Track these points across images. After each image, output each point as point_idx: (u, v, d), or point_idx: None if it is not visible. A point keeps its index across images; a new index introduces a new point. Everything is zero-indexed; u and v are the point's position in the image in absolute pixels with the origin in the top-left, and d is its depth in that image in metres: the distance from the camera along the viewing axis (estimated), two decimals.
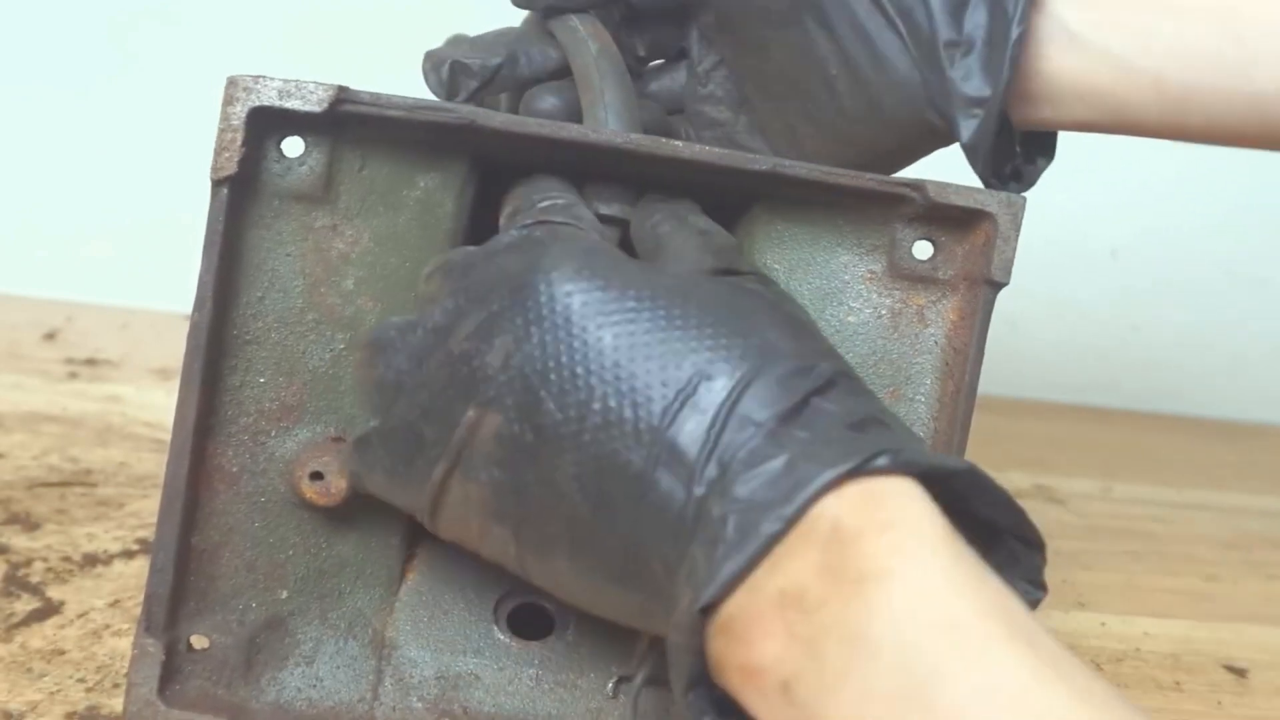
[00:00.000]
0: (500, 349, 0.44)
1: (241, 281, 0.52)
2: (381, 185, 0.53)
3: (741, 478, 0.39)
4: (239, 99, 0.49)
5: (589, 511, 0.42)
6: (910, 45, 0.52)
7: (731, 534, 0.38)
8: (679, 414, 0.41)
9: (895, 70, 0.53)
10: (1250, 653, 0.79)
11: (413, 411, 0.46)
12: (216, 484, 0.53)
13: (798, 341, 0.44)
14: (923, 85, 0.52)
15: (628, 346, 0.42)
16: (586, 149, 0.51)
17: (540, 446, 0.43)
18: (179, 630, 0.52)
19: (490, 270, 0.46)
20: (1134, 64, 0.51)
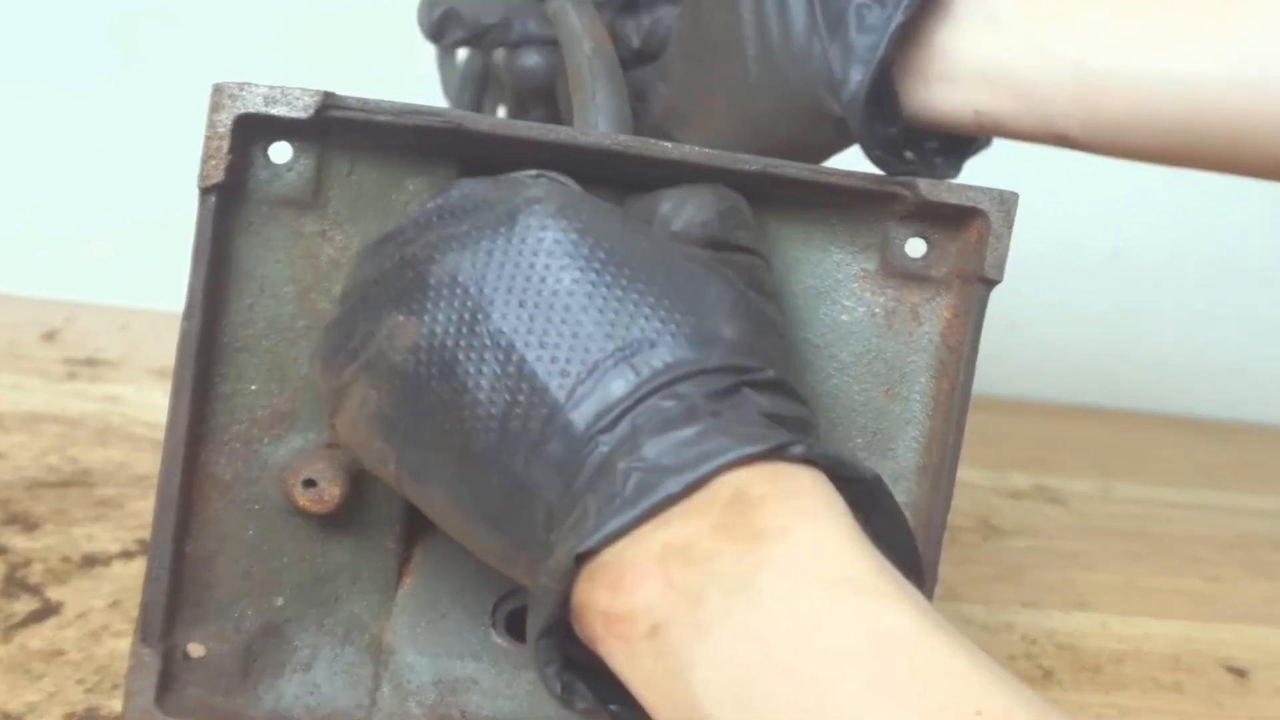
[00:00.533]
0: (452, 263, 0.43)
1: (231, 289, 0.51)
2: (370, 190, 0.52)
3: (652, 440, 0.39)
4: (225, 106, 0.48)
5: (486, 444, 0.41)
6: (819, 12, 0.51)
7: (630, 490, 0.38)
8: (612, 369, 0.40)
9: (799, 39, 0.52)
10: (1251, 653, 0.79)
11: (349, 310, 0.46)
12: (210, 492, 0.52)
13: (755, 339, 0.44)
14: (821, 59, 0.52)
15: (584, 294, 0.42)
16: (575, 151, 0.51)
17: (454, 367, 0.42)
18: (175, 639, 0.52)
19: (474, 192, 0.46)
20: (1053, 47, 0.50)
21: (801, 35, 0.52)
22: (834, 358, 0.55)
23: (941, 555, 0.54)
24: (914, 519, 0.55)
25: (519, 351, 0.41)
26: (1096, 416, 1.17)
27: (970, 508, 0.93)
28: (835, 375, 0.55)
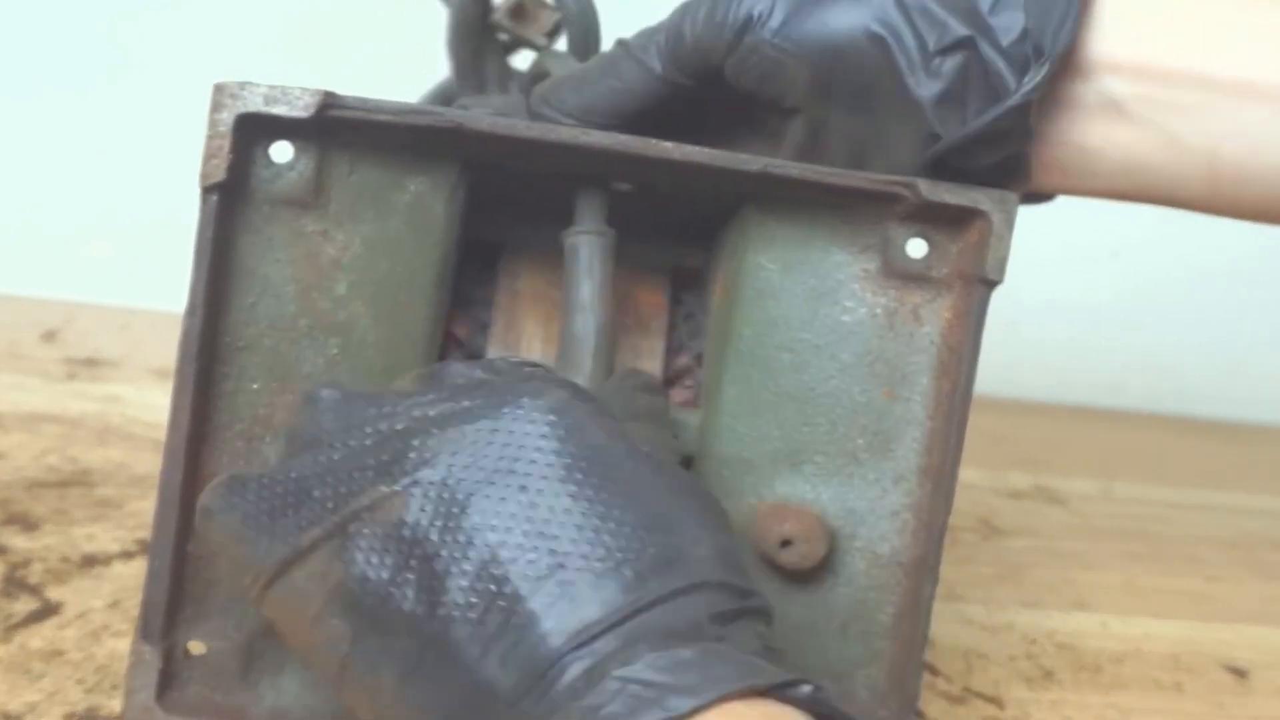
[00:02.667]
0: (450, 440, 0.41)
1: (233, 288, 0.51)
2: (371, 190, 0.52)
3: (652, 654, 0.37)
4: (225, 105, 0.49)
5: (459, 637, 0.39)
6: (934, 123, 0.50)
7: (621, 706, 0.36)
8: (593, 582, 0.38)
9: (902, 153, 0.52)
10: (1251, 653, 0.79)
11: (312, 469, 0.43)
12: None
13: (730, 549, 0.43)
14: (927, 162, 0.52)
15: (568, 501, 0.40)
16: (575, 152, 0.51)
17: (439, 552, 0.40)
18: (176, 636, 0.52)
19: (468, 376, 0.45)
20: (1186, 141, 0.50)
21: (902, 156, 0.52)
22: (835, 358, 0.55)
23: (942, 555, 0.54)
24: (915, 520, 0.55)
25: (499, 553, 0.39)
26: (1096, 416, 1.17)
27: (970, 508, 0.93)
28: (836, 376, 0.55)
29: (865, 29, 0.50)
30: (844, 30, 0.50)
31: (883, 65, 0.50)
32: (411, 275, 0.53)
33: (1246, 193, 0.50)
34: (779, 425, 0.55)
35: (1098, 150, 0.51)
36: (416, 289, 0.53)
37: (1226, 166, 0.50)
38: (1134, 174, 0.51)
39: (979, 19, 0.49)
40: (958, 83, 0.49)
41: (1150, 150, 0.50)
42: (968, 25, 0.49)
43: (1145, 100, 0.50)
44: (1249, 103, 0.49)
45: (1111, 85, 0.50)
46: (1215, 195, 0.51)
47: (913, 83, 0.49)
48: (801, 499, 0.55)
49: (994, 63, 0.49)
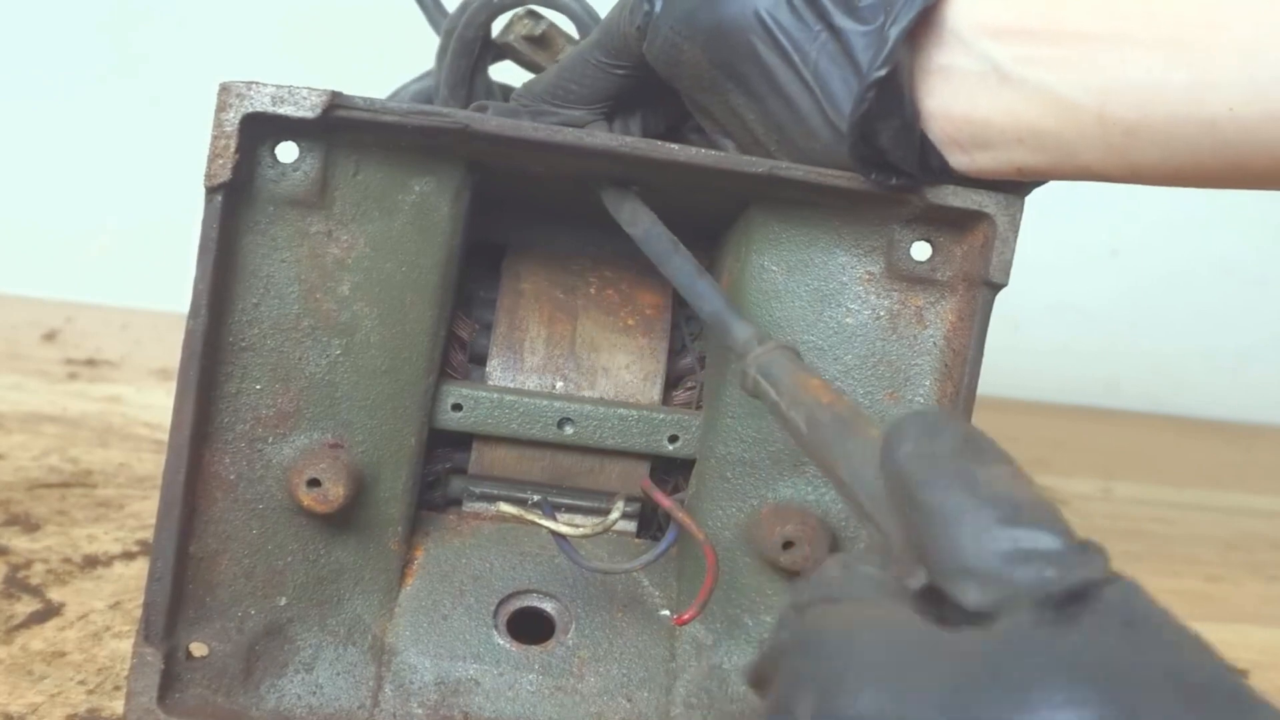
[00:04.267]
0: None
1: (237, 288, 0.51)
2: (376, 190, 0.52)
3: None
4: (232, 105, 0.48)
5: None
6: (827, 108, 0.50)
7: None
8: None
9: (817, 135, 0.51)
10: (1251, 654, 0.78)
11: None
12: (214, 491, 0.52)
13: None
14: (843, 145, 0.51)
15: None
16: (582, 153, 0.51)
17: None
18: (178, 638, 0.52)
19: (790, 669, 0.35)
20: (1073, 99, 0.48)
21: (817, 129, 0.52)
22: (838, 360, 0.55)
23: None
24: None
25: None
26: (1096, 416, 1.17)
27: None
28: (839, 378, 0.55)
29: (754, 12, 0.51)
30: (731, 15, 0.51)
31: (771, 47, 0.51)
32: (416, 276, 0.53)
33: (1144, 153, 0.48)
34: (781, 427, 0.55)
35: (985, 120, 0.50)
36: (421, 290, 0.53)
37: (1117, 123, 0.48)
38: (1027, 140, 0.50)
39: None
40: (830, 65, 0.50)
41: (1038, 113, 0.49)
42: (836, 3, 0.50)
43: (1025, 60, 0.49)
44: (1130, 53, 0.47)
45: (989, 49, 0.49)
46: (1113, 156, 0.49)
47: (799, 63, 0.51)
48: (804, 501, 0.55)
49: (853, 39, 0.49)
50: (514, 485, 0.58)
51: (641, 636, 0.56)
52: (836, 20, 0.50)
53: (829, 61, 0.50)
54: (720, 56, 0.52)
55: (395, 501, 0.55)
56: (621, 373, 0.59)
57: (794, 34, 0.50)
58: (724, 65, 0.52)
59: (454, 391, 0.56)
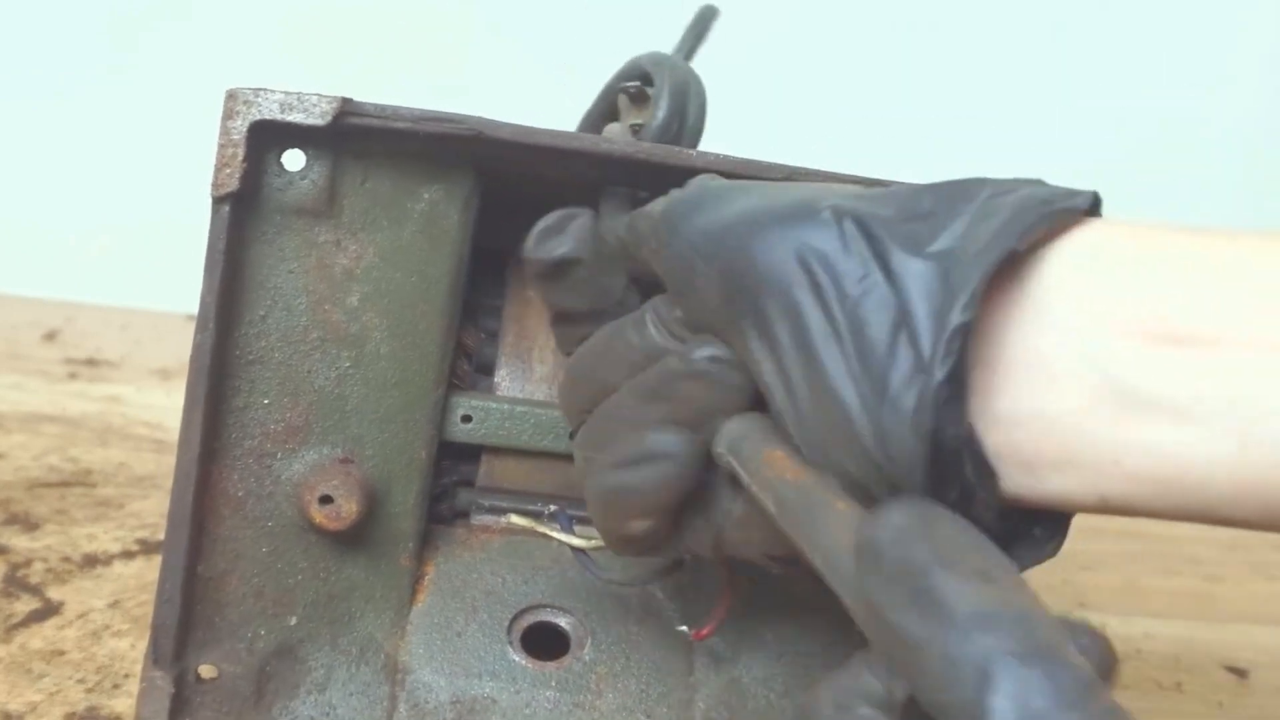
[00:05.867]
0: None
1: (244, 300, 0.50)
2: (385, 198, 0.51)
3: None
4: (239, 113, 0.47)
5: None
6: (856, 362, 0.38)
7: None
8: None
9: (838, 398, 0.38)
10: (1251, 654, 0.79)
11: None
12: (222, 509, 0.51)
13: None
14: (868, 417, 0.38)
15: None
16: (597, 160, 0.50)
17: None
18: (187, 661, 0.51)
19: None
20: (1212, 419, 0.35)
21: (840, 390, 0.39)
22: None
23: None
24: None
25: None
26: None
27: None
28: None
29: (798, 250, 0.40)
30: (769, 249, 0.40)
31: (809, 289, 0.39)
32: (426, 286, 0.52)
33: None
34: None
35: (1074, 433, 0.37)
36: (431, 299, 0.52)
37: (1269, 455, 0.35)
38: (1129, 465, 0.37)
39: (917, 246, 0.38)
40: (875, 312, 0.38)
41: (1160, 433, 0.36)
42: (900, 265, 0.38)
43: (1147, 366, 0.36)
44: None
45: (1095, 344, 0.37)
46: (1245, 493, 0.36)
47: (837, 310, 0.39)
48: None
49: (911, 283, 0.38)
50: (524, 497, 0.58)
51: (658, 650, 0.55)
52: (894, 261, 0.38)
53: (875, 307, 0.38)
54: (742, 293, 0.41)
55: (406, 516, 0.54)
56: None
57: (840, 274, 0.39)
58: (743, 305, 0.41)
59: (464, 403, 0.55)
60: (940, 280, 0.37)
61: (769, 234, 0.41)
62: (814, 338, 0.39)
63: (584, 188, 0.53)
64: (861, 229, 0.39)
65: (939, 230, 0.38)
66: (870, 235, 0.39)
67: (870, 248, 0.39)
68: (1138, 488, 0.37)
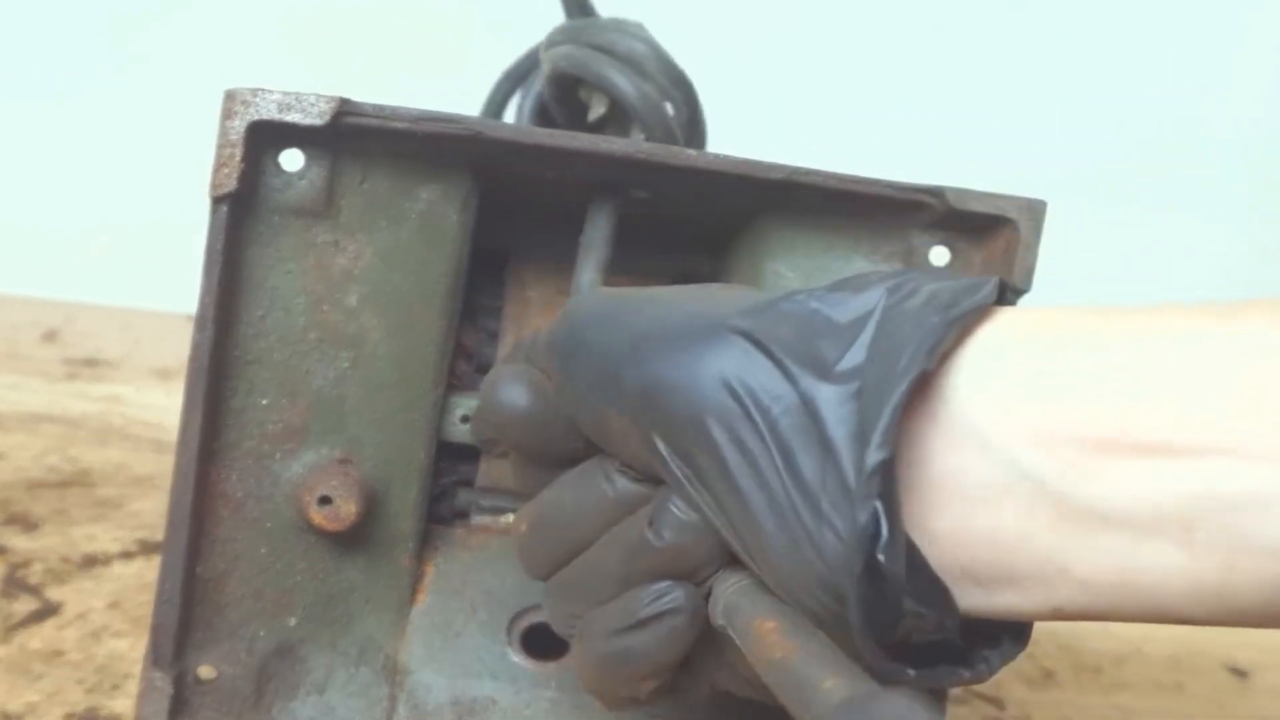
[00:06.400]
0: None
1: (242, 300, 0.50)
2: (383, 199, 0.51)
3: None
4: (237, 113, 0.47)
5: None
6: (791, 494, 0.36)
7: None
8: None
9: (772, 536, 0.37)
10: (1252, 654, 0.79)
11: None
12: (221, 510, 0.51)
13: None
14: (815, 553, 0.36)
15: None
16: (597, 160, 0.50)
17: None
18: (186, 661, 0.51)
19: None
20: (1155, 526, 0.34)
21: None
22: None
23: None
24: None
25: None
26: None
27: None
28: None
29: (719, 379, 0.38)
30: (682, 385, 0.39)
31: (733, 425, 0.38)
32: (424, 286, 0.52)
33: (1250, 593, 0.35)
34: None
35: (1016, 547, 0.36)
36: (429, 299, 0.52)
37: (1216, 557, 0.34)
38: (1088, 579, 0.36)
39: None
40: (799, 438, 0.37)
41: (1121, 549, 0.35)
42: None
43: (1079, 476, 0.35)
44: (1241, 466, 0.33)
45: (1025, 458, 0.35)
46: (1206, 597, 0.35)
47: (768, 440, 0.37)
48: None
49: (825, 409, 0.36)
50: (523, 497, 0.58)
51: None
52: (803, 386, 0.37)
53: (797, 434, 0.36)
54: (661, 434, 0.39)
55: (405, 517, 0.53)
56: None
57: (760, 400, 0.37)
58: (669, 447, 0.39)
59: (463, 403, 0.55)
60: (852, 405, 0.36)
61: (679, 360, 0.39)
62: (738, 476, 0.37)
63: (582, 188, 0.53)
64: (764, 352, 0.38)
65: (843, 347, 0.37)
66: (774, 359, 0.38)
67: (780, 371, 0.37)
68: (1090, 596, 0.36)
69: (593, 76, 0.56)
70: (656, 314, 0.42)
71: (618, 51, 0.57)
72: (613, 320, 0.43)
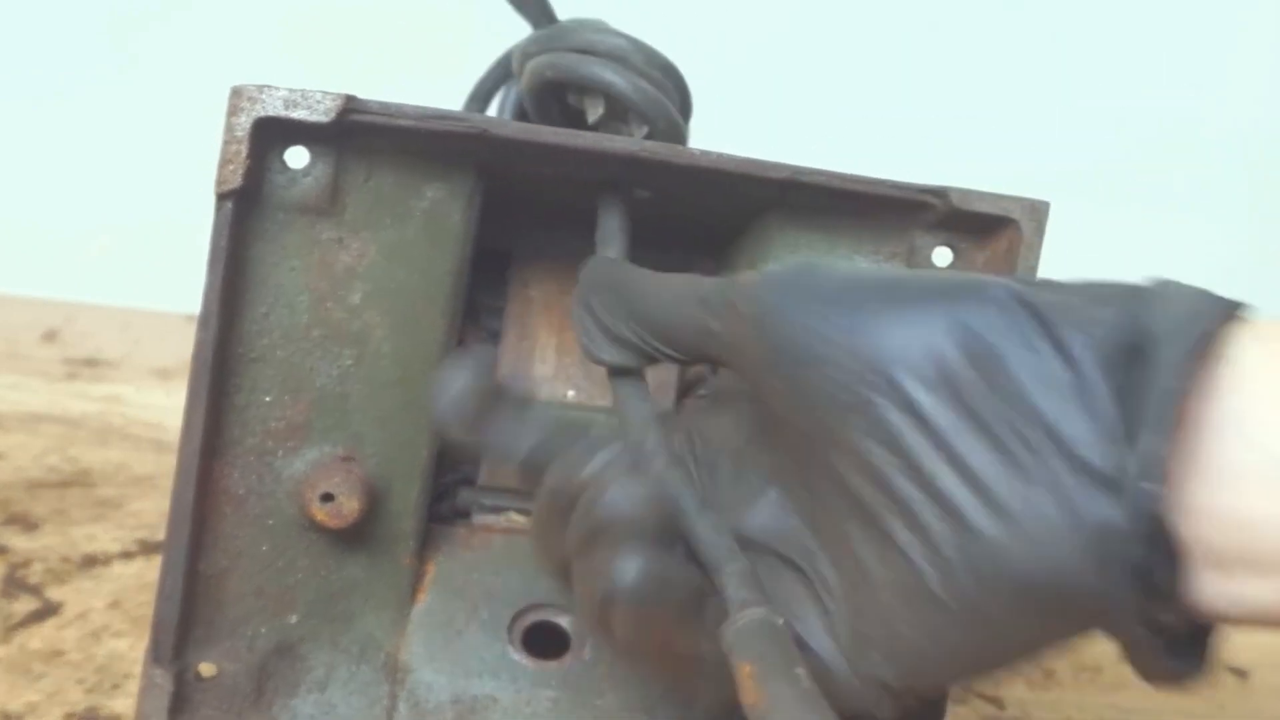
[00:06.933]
0: None
1: (246, 297, 0.50)
2: (388, 196, 0.51)
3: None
4: (244, 109, 0.47)
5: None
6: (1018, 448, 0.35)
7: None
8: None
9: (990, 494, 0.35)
10: (1251, 654, 0.79)
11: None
12: (223, 507, 0.51)
13: None
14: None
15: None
16: (602, 158, 0.50)
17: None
18: (187, 658, 0.51)
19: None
20: None
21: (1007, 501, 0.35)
22: None
23: None
24: None
25: None
26: None
27: None
28: None
29: (949, 330, 0.36)
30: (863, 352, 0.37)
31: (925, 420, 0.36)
32: (428, 284, 0.52)
33: None
34: None
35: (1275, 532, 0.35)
36: (433, 298, 0.52)
37: None
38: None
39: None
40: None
41: None
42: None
43: None
44: None
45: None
46: None
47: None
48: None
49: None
50: (525, 496, 0.57)
51: None
52: (1066, 337, 0.35)
53: (1042, 387, 0.35)
54: (859, 378, 0.37)
55: (407, 515, 0.53)
56: None
57: (1001, 355, 0.35)
58: (854, 397, 0.37)
59: None
60: (1126, 356, 0.34)
61: (914, 305, 0.37)
62: (953, 435, 0.35)
63: (585, 187, 0.53)
64: (1026, 306, 0.36)
65: (1118, 314, 0.36)
66: (1040, 316, 0.36)
67: (1039, 328, 0.36)
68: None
69: (585, 79, 0.56)
70: (872, 271, 0.41)
71: (600, 51, 0.57)
72: (844, 271, 0.40)
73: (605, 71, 0.56)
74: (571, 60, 0.56)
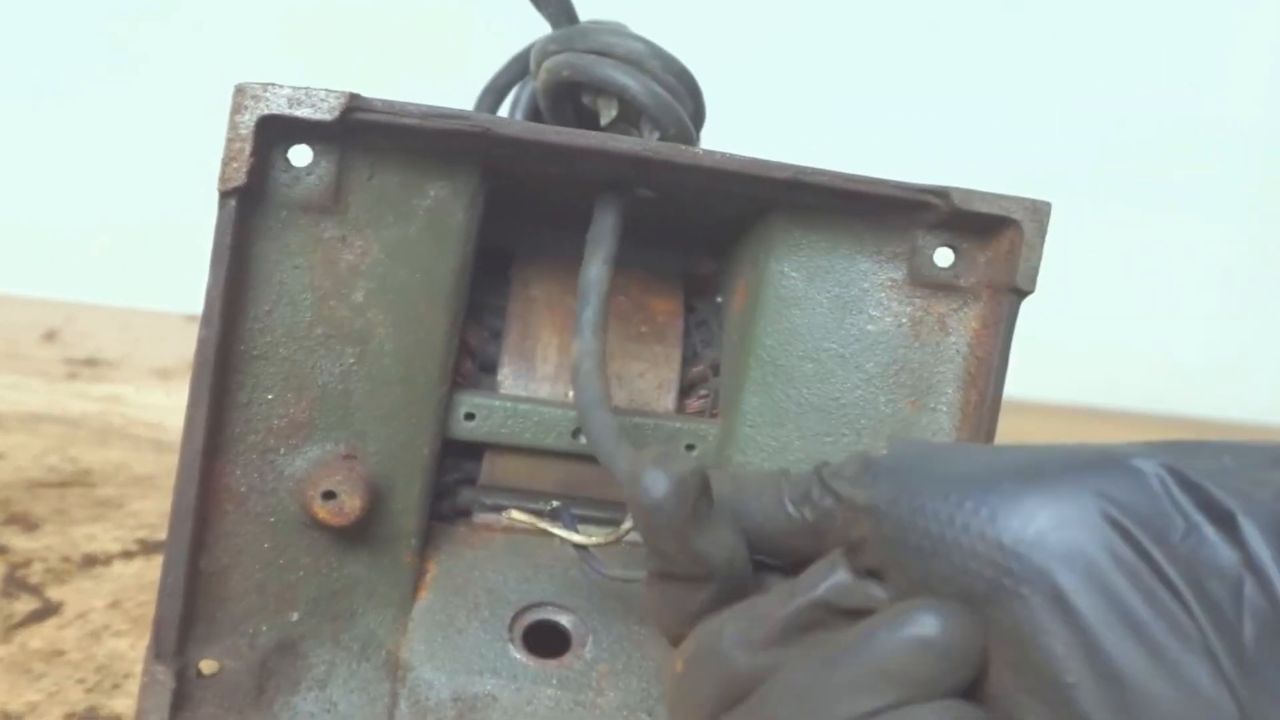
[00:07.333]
0: None
1: (249, 295, 0.50)
2: (391, 195, 0.51)
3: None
4: (247, 107, 0.47)
5: None
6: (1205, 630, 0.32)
7: None
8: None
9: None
10: None
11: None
12: (225, 504, 0.51)
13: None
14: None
15: None
16: (605, 157, 0.50)
17: None
18: (189, 656, 0.51)
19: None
20: None
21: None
22: (860, 368, 0.54)
23: None
24: None
25: None
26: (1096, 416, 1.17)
27: None
28: (861, 386, 0.54)
29: (1097, 506, 0.33)
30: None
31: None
32: (431, 283, 0.52)
33: None
34: (801, 435, 0.54)
35: None
36: (435, 296, 0.52)
37: None
38: None
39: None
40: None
41: None
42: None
43: None
44: None
45: None
46: None
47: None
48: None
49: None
50: (526, 495, 0.57)
51: (661, 649, 0.55)
52: (1226, 507, 0.33)
53: (1208, 565, 0.32)
54: (1008, 565, 0.34)
55: (409, 514, 0.53)
56: (635, 381, 0.58)
57: (1158, 529, 0.33)
58: (1010, 581, 0.34)
59: (467, 400, 0.55)
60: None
61: (1056, 484, 0.34)
62: (1140, 612, 0.32)
63: (588, 186, 0.53)
64: (1177, 478, 0.34)
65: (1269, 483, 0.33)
66: (1189, 485, 0.34)
67: (1191, 498, 0.33)
68: None
69: (601, 80, 0.56)
70: (1004, 451, 0.37)
71: (618, 53, 0.57)
72: (965, 450, 0.38)
73: (620, 74, 0.56)
74: (588, 61, 0.56)
